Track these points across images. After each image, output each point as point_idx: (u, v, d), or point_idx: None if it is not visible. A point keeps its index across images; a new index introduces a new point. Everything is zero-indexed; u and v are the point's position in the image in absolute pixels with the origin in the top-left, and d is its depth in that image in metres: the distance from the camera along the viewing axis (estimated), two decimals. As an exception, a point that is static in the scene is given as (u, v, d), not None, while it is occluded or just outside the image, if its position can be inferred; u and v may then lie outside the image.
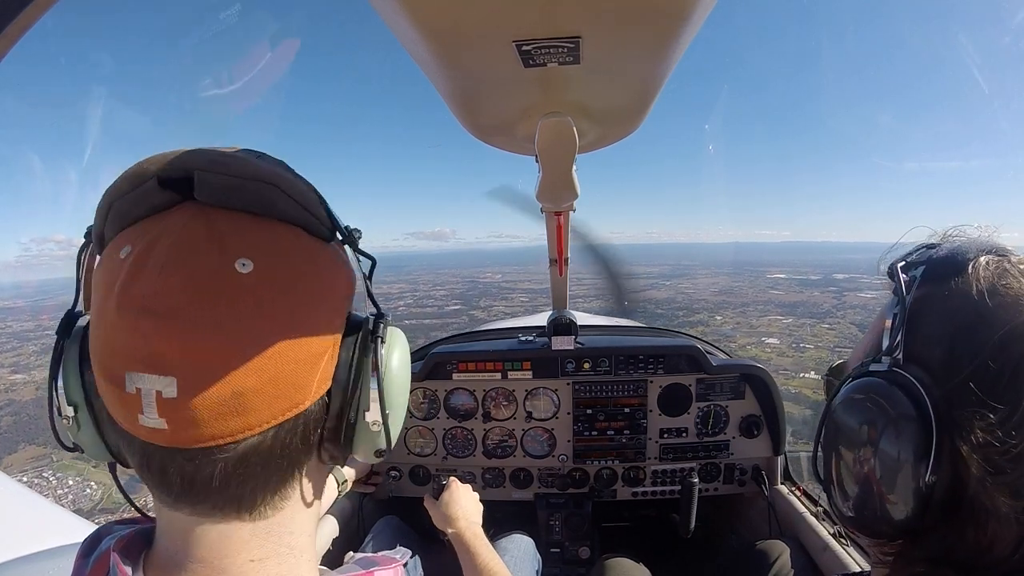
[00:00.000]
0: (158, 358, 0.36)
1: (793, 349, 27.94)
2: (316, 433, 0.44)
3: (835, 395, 0.56)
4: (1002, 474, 0.43)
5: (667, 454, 1.96)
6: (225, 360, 0.37)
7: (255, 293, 0.38)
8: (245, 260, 0.38)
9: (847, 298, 37.37)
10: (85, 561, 0.48)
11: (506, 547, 1.58)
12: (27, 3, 0.51)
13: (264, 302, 0.38)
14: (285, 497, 0.44)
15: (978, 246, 0.51)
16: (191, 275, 0.37)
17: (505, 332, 2.36)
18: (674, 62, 0.58)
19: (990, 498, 0.44)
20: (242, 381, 0.37)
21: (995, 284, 0.47)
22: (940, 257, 0.52)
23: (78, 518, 1.38)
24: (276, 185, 0.41)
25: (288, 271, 0.40)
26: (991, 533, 0.45)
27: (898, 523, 0.49)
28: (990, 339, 0.45)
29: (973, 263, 0.49)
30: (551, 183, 0.96)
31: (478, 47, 0.51)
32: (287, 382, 0.39)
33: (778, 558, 1.51)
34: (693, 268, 62.38)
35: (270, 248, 0.40)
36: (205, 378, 0.36)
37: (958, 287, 0.48)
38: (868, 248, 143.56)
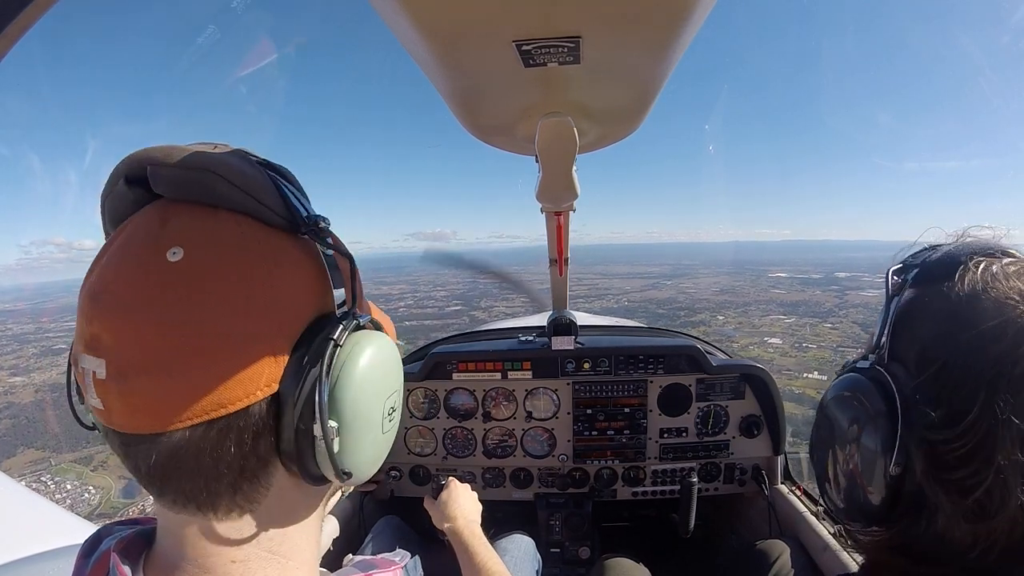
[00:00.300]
0: (94, 340, 0.38)
1: (796, 349, 27.75)
2: (262, 441, 0.40)
3: (827, 389, 0.59)
4: (948, 470, 0.45)
5: (667, 454, 1.96)
6: (150, 348, 0.36)
7: (185, 282, 0.37)
8: (176, 248, 0.38)
9: (849, 297, 37.30)
10: (85, 562, 0.48)
11: (506, 547, 1.58)
12: (27, 3, 0.51)
13: (194, 292, 0.37)
14: (252, 501, 0.42)
15: (976, 248, 0.51)
16: (126, 263, 0.39)
17: (505, 332, 2.36)
18: (674, 62, 0.58)
19: (934, 493, 0.46)
20: (167, 371, 0.36)
21: (978, 287, 0.47)
22: (933, 259, 0.53)
23: (79, 519, 1.38)
24: (217, 173, 0.40)
25: (222, 260, 0.39)
26: (941, 527, 0.46)
27: (869, 511, 0.52)
28: (961, 340, 0.46)
29: (963, 266, 0.49)
30: (551, 183, 0.96)
31: (478, 47, 0.51)
32: (214, 379, 0.37)
33: (778, 558, 1.51)
34: (694, 268, 62.38)
35: (207, 237, 0.39)
36: (131, 363, 0.37)
37: (944, 289, 0.49)
38: (869, 247, 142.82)
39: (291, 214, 0.43)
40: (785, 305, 39.42)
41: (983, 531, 0.43)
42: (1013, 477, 0.42)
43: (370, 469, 0.46)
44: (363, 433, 0.43)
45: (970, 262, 0.49)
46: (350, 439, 0.42)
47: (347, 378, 0.42)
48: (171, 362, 0.36)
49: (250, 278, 0.39)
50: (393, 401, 0.48)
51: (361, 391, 0.43)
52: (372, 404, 0.44)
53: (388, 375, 0.46)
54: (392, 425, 0.48)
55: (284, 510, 0.45)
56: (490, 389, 1.98)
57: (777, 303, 40.50)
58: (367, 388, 0.43)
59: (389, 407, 0.47)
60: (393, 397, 0.48)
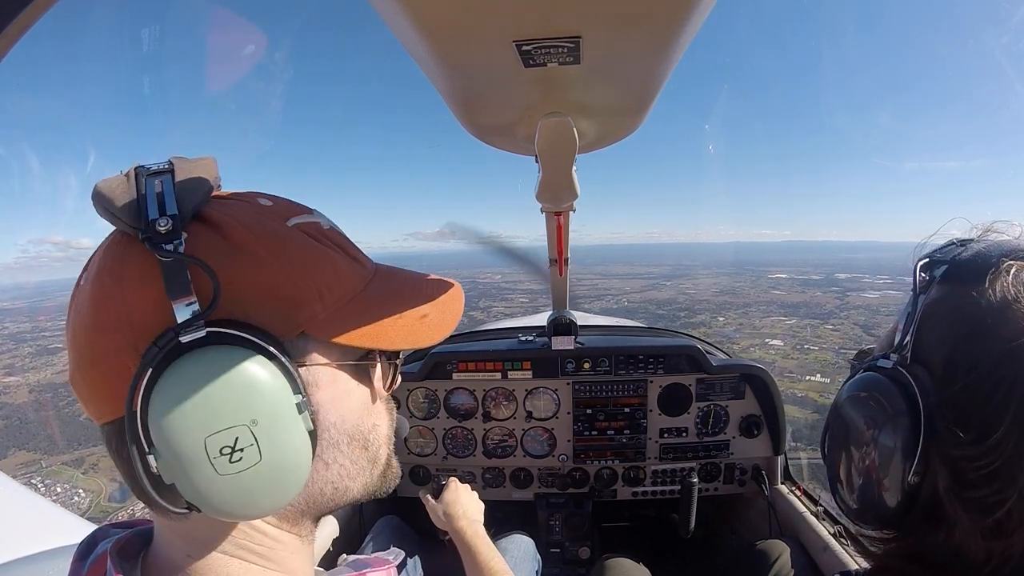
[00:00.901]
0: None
1: (797, 351, 27.40)
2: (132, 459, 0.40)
3: (844, 385, 0.58)
4: (971, 488, 0.44)
5: (667, 454, 1.96)
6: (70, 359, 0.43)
7: (77, 303, 0.43)
8: (84, 274, 0.44)
9: (850, 298, 37.14)
10: (81, 564, 0.48)
11: (506, 547, 1.58)
12: (27, 3, 0.51)
13: (76, 313, 0.43)
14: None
15: (1007, 249, 0.48)
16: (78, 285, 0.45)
17: (505, 332, 2.36)
18: (674, 62, 0.58)
19: (954, 509, 0.45)
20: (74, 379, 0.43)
21: (1009, 295, 0.45)
22: (964, 258, 0.50)
23: (78, 518, 1.38)
24: (97, 202, 0.41)
25: (90, 280, 0.43)
26: (957, 541, 0.46)
27: (883, 515, 0.51)
28: (992, 352, 0.44)
29: (996, 268, 0.47)
30: (551, 183, 0.96)
31: (478, 47, 0.51)
32: (87, 391, 0.43)
33: (778, 558, 1.51)
34: (694, 268, 62.36)
35: (94, 261, 0.44)
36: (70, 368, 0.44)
37: (975, 292, 0.47)
38: (869, 248, 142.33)
39: (138, 221, 0.39)
40: (786, 306, 39.29)
41: (999, 548, 0.43)
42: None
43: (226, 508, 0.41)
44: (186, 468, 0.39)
45: (1001, 265, 0.46)
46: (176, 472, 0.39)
47: (154, 404, 0.38)
48: (74, 374, 0.43)
49: (102, 296, 0.41)
50: (231, 438, 0.39)
51: (168, 421, 0.38)
52: (183, 438, 0.38)
53: (213, 406, 0.39)
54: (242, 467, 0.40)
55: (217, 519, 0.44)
56: (490, 389, 1.98)
57: (778, 304, 40.39)
58: (174, 419, 0.38)
59: (222, 445, 0.39)
60: (230, 433, 0.39)
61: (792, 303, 40.54)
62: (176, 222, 0.39)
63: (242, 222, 0.44)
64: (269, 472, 0.41)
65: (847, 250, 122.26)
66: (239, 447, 0.39)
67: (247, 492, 0.40)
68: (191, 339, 0.39)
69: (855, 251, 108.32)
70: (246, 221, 0.44)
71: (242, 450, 0.40)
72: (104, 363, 0.41)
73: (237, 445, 0.39)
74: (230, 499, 0.40)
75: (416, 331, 0.51)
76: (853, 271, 45.92)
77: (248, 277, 0.42)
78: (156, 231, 0.39)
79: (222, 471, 0.39)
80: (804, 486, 1.88)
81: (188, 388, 0.38)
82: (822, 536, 1.56)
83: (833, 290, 40.93)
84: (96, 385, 0.42)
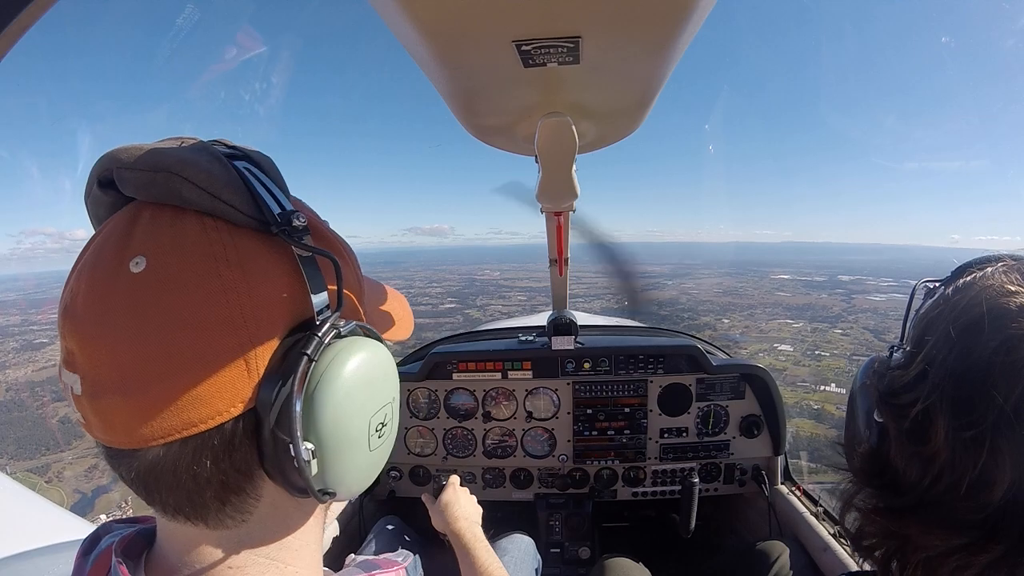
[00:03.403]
0: (70, 355, 0.37)
1: (808, 357, 26.69)
2: (241, 456, 0.39)
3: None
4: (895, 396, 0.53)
5: (667, 454, 1.96)
6: (117, 367, 0.35)
7: (147, 294, 0.35)
8: (139, 258, 0.36)
9: (856, 301, 36.81)
10: (85, 560, 0.48)
11: (506, 547, 1.58)
12: (27, 3, 0.51)
13: (154, 304, 0.35)
14: (242, 512, 0.41)
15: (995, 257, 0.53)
16: (93, 276, 0.37)
17: (505, 332, 2.36)
18: (674, 62, 0.58)
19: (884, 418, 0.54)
20: (134, 390, 0.35)
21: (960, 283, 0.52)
22: (965, 262, 0.56)
23: (76, 517, 1.38)
24: (177, 173, 0.37)
25: (184, 269, 0.36)
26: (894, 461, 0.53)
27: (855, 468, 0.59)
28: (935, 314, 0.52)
29: (975, 267, 0.52)
30: (551, 183, 0.96)
31: (478, 47, 0.51)
32: (181, 398, 0.35)
33: (778, 558, 1.51)
34: (695, 268, 62.20)
35: (170, 243, 0.37)
36: (100, 381, 0.36)
37: (955, 286, 0.53)
38: (870, 250, 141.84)
39: (260, 212, 0.38)
40: (791, 309, 39.00)
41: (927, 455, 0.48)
42: (940, 404, 0.47)
43: (358, 487, 0.44)
44: (345, 453, 0.40)
45: (989, 265, 0.52)
46: (330, 460, 0.39)
47: (323, 396, 0.38)
48: (137, 381, 0.35)
49: (214, 288, 0.36)
50: (383, 416, 0.44)
51: (340, 410, 0.39)
52: (355, 423, 0.41)
53: (375, 389, 0.42)
54: (383, 440, 0.45)
55: (279, 518, 0.44)
56: (490, 389, 1.98)
57: (783, 307, 40.10)
58: (347, 406, 0.40)
59: (377, 423, 0.43)
60: (383, 411, 0.44)
61: (797, 305, 40.27)
62: (305, 217, 0.40)
63: (317, 218, 0.46)
64: (390, 442, 0.47)
65: (848, 252, 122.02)
66: (385, 422, 0.45)
67: (377, 464, 0.45)
68: (348, 329, 0.41)
69: (856, 253, 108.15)
70: (317, 219, 0.47)
71: (386, 425, 0.45)
72: (208, 366, 0.36)
73: (385, 420, 0.45)
74: (366, 475, 0.44)
75: (401, 323, 0.58)
76: (856, 273, 45.75)
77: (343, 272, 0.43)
78: (293, 225, 0.38)
79: (372, 447, 0.43)
80: (804, 486, 1.88)
81: (356, 374, 0.40)
82: (822, 536, 1.56)
83: (838, 292, 40.69)
84: (182, 393, 0.35)
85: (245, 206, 0.38)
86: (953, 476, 0.46)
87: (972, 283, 0.50)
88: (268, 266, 0.39)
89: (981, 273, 0.51)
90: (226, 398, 0.36)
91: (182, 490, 0.38)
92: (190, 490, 0.38)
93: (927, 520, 0.48)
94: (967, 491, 0.45)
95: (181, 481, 0.38)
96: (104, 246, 0.38)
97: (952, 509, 0.47)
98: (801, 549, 1.56)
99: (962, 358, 0.47)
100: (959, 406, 0.46)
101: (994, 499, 0.44)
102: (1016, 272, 0.49)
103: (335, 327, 0.40)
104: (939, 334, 0.49)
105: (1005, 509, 0.44)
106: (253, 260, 0.38)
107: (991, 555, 0.44)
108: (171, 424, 0.36)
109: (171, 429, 0.36)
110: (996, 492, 0.43)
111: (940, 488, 0.47)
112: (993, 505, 0.44)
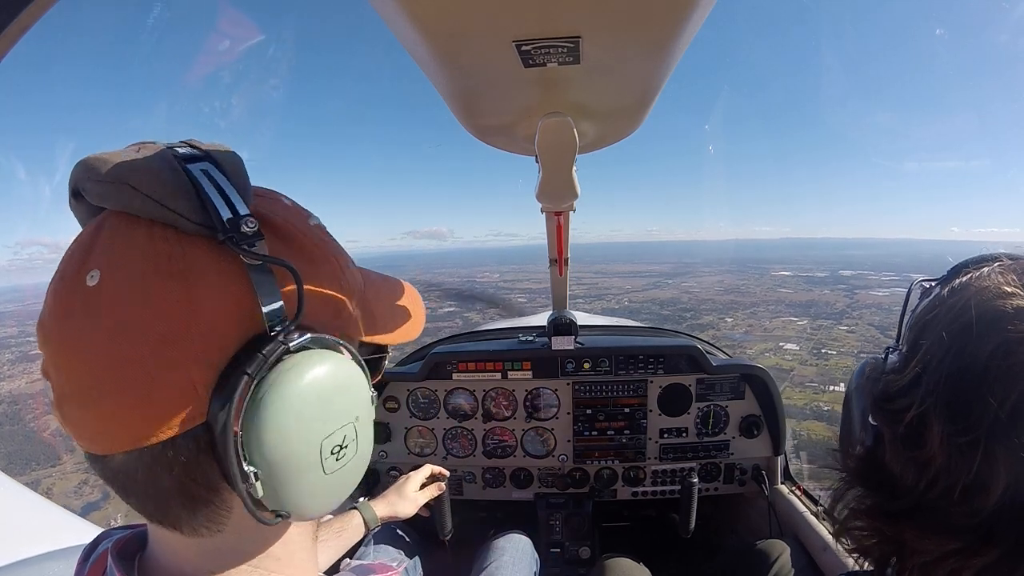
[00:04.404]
0: (44, 366, 0.38)
1: (815, 356, 26.06)
2: (201, 470, 0.38)
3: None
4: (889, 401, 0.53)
5: (667, 454, 1.96)
6: (75, 379, 0.36)
7: (98, 308, 0.35)
8: (95, 271, 0.36)
9: (859, 297, 36.40)
10: (83, 566, 0.49)
11: (504, 547, 1.58)
12: (27, 3, 0.51)
13: (106, 318, 0.35)
14: (215, 522, 0.40)
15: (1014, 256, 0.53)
16: (57, 289, 0.37)
17: (505, 332, 2.36)
18: (674, 62, 0.58)
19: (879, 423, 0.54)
20: (89, 402, 0.36)
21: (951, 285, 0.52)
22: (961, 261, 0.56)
23: (82, 520, 1.38)
24: (125, 182, 0.36)
25: (130, 281, 0.35)
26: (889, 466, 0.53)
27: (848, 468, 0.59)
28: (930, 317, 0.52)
29: (971, 267, 0.52)
30: (551, 183, 0.96)
31: (478, 47, 0.51)
32: (132, 411, 0.36)
33: (778, 558, 1.51)
34: (695, 266, 62.12)
35: (120, 255, 0.36)
36: (63, 391, 0.37)
37: (951, 286, 0.53)
38: (869, 244, 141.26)
39: (208, 218, 0.36)
40: (795, 306, 38.62)
41: (922, 459, 0.48)
42: (935, 409, 0.47)
43: (317, 509, 0.41)
44: (294, 477, 0.38)
45: (983, 266, 0.52)
46: (278, 483, 0.37)
47: (265, 418, 0.36)
48: (92, 393, 0.36)
49: (158, 301, 0.35)
50: (341, 437, 0.40)
51: (284, 432, 0.37)
52: (302, 446, 0.38)
53: (329, 408, 0.39)
54: (344, 463, 0.41)
55: (256, 529, 0.43)
56: (490, 389, 1.98)
57: (786, 304, 39.75)
58: (293, 428, 0.37)
59: (333, 445, 0.40)
60: (341, 432, 0.40)
61: (800, 302, 39.90)
62: (256, 222, 0.37)
63: (291, 221, 0.43)
64: (356, 463, 0.43)
65: (847, 247, 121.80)
66: (345, 444, 0.41)
67: (339, 487, 0.42)
68: (298, 344, 0.38)
69: (855, 248, 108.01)
70: (292, 220, 0.43)
71: (346, 447, 0.41)
72: (154, 381, 0.35)
73: (344, 443, 0.41)
74: (325, 498, 0.41)
75: (408, 326, 0.54)
76: (857, 268, 45.58)
77: (311, 278, 0.41)
78: (241, 232, 0.36)
79: (329, 470, 0.40)
80: (804, 486, 1.88)
81: (304, 393, 0.37)
82: (822, 536, 1.56)
83: (840, 288, 40.32)
84: (131, 407, 0.36)
85: (193, 213, 0.36)
86: (948, 481, 0.46)
87: (968, 284, 0.50)
88: (216, 276, 0.37)
89: (977, 273, 0.50)
90: (174, 412, 0.36)
91: (149, 498, 0.39)
92: (156, 498, 0.39)
93: (923, 524, 0.48)
94: (962, 495, 0.45)
95: (147, 489, 0.38)
96: (69, 259, 0.38)
97: (947, 514, 0.46)
98: (801, 549, 1.56)
99: (957, 362, 0.47)
100: (954, 411, 0.46)
101: (989, 504, 0.44)
102: (1012, 272, 0.48)
103: (282, 343, 0.37)
104: (934, 337, 0.49)
105: (1000, 514, 0.43)
106: (199, 270, 0.36)
107: (986, 559, 0.44)
108: (125, 436, 0.36)
109: (126, 441, 0.36)
110: (991, 497, 0.43)
111: (935, 492, 0.47)
112: (988, 510, 0.44)
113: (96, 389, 0.36)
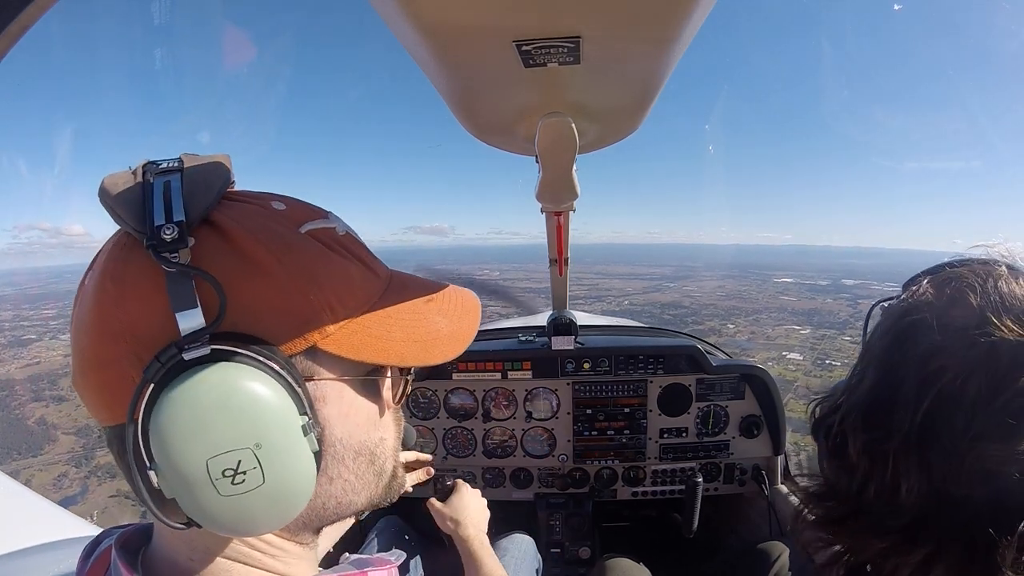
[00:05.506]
0: None
1: (819, 367, 25.46)
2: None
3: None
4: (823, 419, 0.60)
5: (667, 454, 1.96)
6: (74, 360, 0.42)
7: (79, 303, 0.42)
8: (90, 273, 0.42)
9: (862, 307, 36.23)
10: (85, 563, 0.50)
11: (506, 547, 1.58)
12: (27, 3, 0.51)
13: (84, 313, 0.41)
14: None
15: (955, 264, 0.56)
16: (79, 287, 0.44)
17: (505, 332, 2.36)
18: (674, 62, 0.58)
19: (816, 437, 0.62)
20: (75, 380, 0.42)
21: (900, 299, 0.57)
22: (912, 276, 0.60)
23: (74, 516, 1.38)
24: (101, 197, 0.40)
25: (93, 283, 0.41)
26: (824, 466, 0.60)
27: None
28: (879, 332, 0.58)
29: (918, 280, 0.57)
30: (551, 183, 0.96)
31: (478, 47, 0.51)
32: (93, 393, 0.42)
33: (778, 558, 1.51)
34: (696, 270, 61.99)
35: (98, 261, 0.42)
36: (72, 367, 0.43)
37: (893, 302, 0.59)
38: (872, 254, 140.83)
39: (143, 226, 0.38)
40: (797, 314, 38.37)
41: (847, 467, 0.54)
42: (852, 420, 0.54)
43: (228, 528, 0.40)
44: (184, 488, 0.38)
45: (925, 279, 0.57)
46: (178, 493, 0.38)
47: (154, 425, 0.37)
48: (76, 374, 0.42)
49: (105, 301, 0.40)
50: (233, 461, 0.38)
51: (171, 444, 0.37)
52: (183, 459, 0.37)
53: (214, 428, 0.37)
54: (244, 489, 0.38)
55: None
56: (490, 389, 1.98)
57: (789, 311, 39.51)
58: (176, 441, 0.37)
59: (224, 467, 0.37)
60: (234, 456, 0.38)
61: (803, 310, 39.70)
62: (182, 229, 0.37)
63: (250, 229, 0.41)
64: (272, 494, 0.39)
65: (850, 256, 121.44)
66: (242, 470, 0.38)
67: (249, 513, 0.39)
68: (195, 356, 0.37)
69: (858, 257, 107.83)
70: (255, 228, 0.41)
71: (245, 473, 0.38)
72: (106, 369, 0.40)
73: (240, 468, 0.38)
74: (231, 519, 0.39)
75: (429, 347, 0.49)
76: (859, 277, 45.46)
77: (256, 289, 0.40)
78: (161, 238, 0.37)
79: (224, 492, 0.38)
80: None
81: (191, 408, 0.37)
82: None
83: (843, 297, 40.14)
84: (99, 389, 0.41)
85: (135, 222, 0.39)
86: (876, 485, 0.50)
87: (902, 302, 0.56)
88: (145, 281, 0.39)
89: (916, 288, 0.55)
90: (113, 405, 0.41)
91: (125, 477, 0.42)
92: (128, 478, 0.41)
93: (860, 527, 0.53)
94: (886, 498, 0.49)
95: (119, 467, 0.42)
96: (92, 259, 0.44)
97: (880, 516, 0.51)
98: (801, 548, 1.56)
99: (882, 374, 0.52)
100: (870, 421, 0.51)
101: (911, 505, 0.48)
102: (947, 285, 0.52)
103: (178, 351, 0.37)
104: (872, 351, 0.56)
105: (925, 515, 0.47)
106: (133, 275, 0.39)
107: (916, 557, 0.48)
108: (96, 415, 0.42)
109: (101, 418, 0.42)
110: (911, 497, 0.47)
111: (867, 498, 0.52)
112: (912, 512, 0.48)
113: (79, 372, 0.42)
